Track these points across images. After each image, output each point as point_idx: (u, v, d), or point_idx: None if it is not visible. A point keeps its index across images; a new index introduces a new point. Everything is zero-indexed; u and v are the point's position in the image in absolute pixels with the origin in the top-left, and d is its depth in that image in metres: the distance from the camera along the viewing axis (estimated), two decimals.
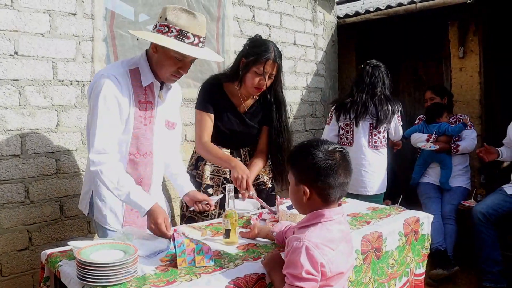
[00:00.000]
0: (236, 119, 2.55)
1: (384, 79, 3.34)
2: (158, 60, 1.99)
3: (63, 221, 2.73)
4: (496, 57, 4.36)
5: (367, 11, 4.75)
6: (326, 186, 1.43)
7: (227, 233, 1.82)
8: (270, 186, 2.69)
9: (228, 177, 2.51)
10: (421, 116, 4.06)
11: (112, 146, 1.93)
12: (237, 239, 1.85)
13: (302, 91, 4.48)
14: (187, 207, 2.44)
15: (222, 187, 2.51)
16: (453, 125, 3.77)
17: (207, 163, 2.56)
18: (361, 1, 5.65)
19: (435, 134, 3.72)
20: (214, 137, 2.55)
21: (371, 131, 3.31)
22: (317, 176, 1.42)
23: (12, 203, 2.51)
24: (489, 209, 3.27)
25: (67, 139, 2.73)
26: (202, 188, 2.52)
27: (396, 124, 3.39)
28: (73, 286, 1.45)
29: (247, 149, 2.66)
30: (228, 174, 2.52)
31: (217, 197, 2.26)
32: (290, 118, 4.21)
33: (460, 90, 4.39)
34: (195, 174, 2.60)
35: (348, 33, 5.08)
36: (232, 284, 1.44)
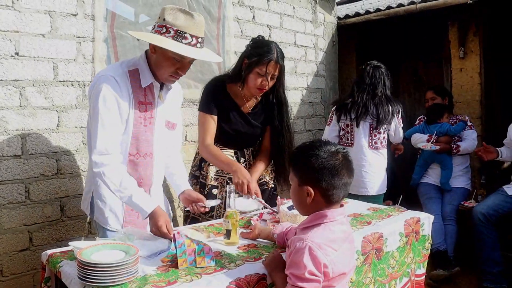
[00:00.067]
0: (240, 119, 2.54)
1: (385, 80, 3.34)
2: (157, 61, 1.98)
3: (63, 222, 2.73)
4: (497, 58, 4.36)
5: (367, 12, 4.75)
6: (330, 187, 1.43)
7: (228, 233, 1.82)
8: (272, 186, 2.69)
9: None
10: (422, 116, 4.06)
11: (114, 147, 1.93)
12: (238, 239, 1.85)
13: (302, 92, 4.48)
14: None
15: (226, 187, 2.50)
16: (453, 126, 3.77)
17: (211, 164, 2.56)
18: (361, 2, 5.65)
19: (435, 135, 3.72)
20: (219, 137, 2.54)
21: (371, 131, 3.31)
22: (321, 177, 1.42)
23: (13, 204, 2.51)
24: (490, 209, 3.27)
25: (67, 140, 2.73)
26: (206, 189, 2.52)
27: (396, 126, 3.39)
28: (74, 286, 1.45)
29: (251, 149, 2.66)
30: None
31: (215, 202, 2.20)
32: (291, 119, 4.20)
33: (461, 90, 4.39)
34: (198, 175, 2.60)
35: (348, 34, 5.08)
36: (233, 284, 1.45)
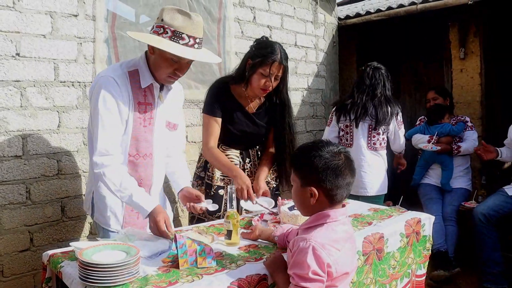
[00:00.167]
0: (245, 119, 2.54)
1: (385, 81, 3.34)
2: (155, 62, 1.98)
3: (64, 222, 2.73)
4: (497, 58, 4.36)
5: (367, 12, 4.76)
6: (334, 187, 1.43)
7: (229, 234, 1.82)
8: (274, 186, 2.69)
9: None
10: (422, 117, 4.06)
11: (115, 147, 1.93)
12: (239, 240, 1.85)
13: (303, 92, 4.48)
14: None
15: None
16: (454, 126, 3.77)
17: None
18: (362, 3, 5.66)
19: (436, 135, 3.72)
20: (224, 138, 2.54)
21: (370, 132, 3.31)
22: (325, 177, 1.42)
23: (14, 204, 2.51)
24: (490, 210, 3.27)
25: (68, 140, 2.73)
26: (213, 189, 2.52)
27: (395, 129, 3.36)
28: (75, 286, 1.45)
29: (256, 149, 2.66)
30: None
31: (212, 207, 2.18)
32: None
33: (461, 91, 4.39)
34: (203, 175, 2.59)
35: (349, 34, 5.08)
36: (234, 285, 1.45)
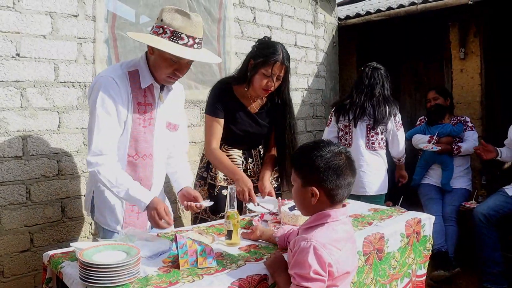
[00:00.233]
0: (248, 119, 2.54)
1: (384, 81, 3.34)
2: (155, 62, 1.98)
3: (64, 223, 2.73)
4: (497, 58, 4.36)
5: (368, 13, 4.76)
6: (335, 186, 1.43)
7: (229, 234, 1.82)
8: (275, 186, 2.69)
9: None
10: (422, 117, 4.06)
11: (109, 148, 1.92)
12: (239, 240, 1.85)
13: (303, 93, 4.48)
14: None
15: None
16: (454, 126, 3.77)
17: None
18: (362, 3, 5.66)
19: (437, 135, 3.72)
20: (227, 138, 2.54)
21: (368, 132, 3.32)
22: (326, 177, 1.43)
23: (14, 205, 2.51)
24: (490, 210, 3.27)
25: (68, 141, 2.73)
26: (216, 190, 2.52)
27: (394, 130, 3.33)
28: (75, 287, 1.45)
29: (258, 149, 2.66)
30: None
31: (207, 203, 2.17)
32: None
33: (461, 91, 4.39)
34: (206, 176, 2.59)
35: (349, 35, 5.09)
36: (234, 285, 1.45)
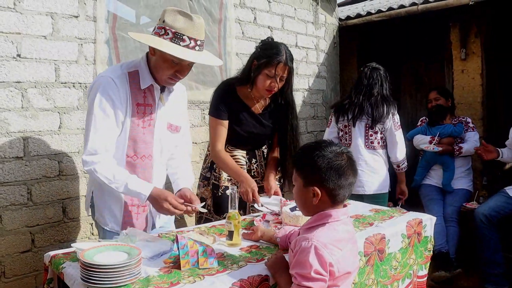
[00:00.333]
0: (252, 120, 2.54)
1: (382, 81, 3.34)
2: (156, 63, 1.97)
3: (65, 223, 2.73)
4: (499, 58, 4.36)
5: (368, 13, 4.76)
6: (336, 186, 1.43)
7: (230, 235, 1.82)
8: (279, 186, 2.69)
9: None
10: (424, 118, 4.06)
11: (104, 148, 1.92)
12: (240, 240, 1.85)
13: (304, 93, 4.48)
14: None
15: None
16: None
17: None
18: (362, 3, 5.66)
19: (438, 136, 3.71)
20: (230, 139, 2.54)
21: (367, 131, 3.32)
22: (328, 177, 1.43)
23: (15, 205, 2.51)
24: (491, 211, 3.27)
25: (69, 141, 2.73)
26: (220, 190, 2.52)
27: (392, 129, 3.28)
28: (76, 287, 1.45)
29: (262, 150, 2.66)
30: None
31: (204, 209, 2.19)
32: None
33: (462, 92, 4.39)
34: (209, 176, 2.59)
35: (349, 35, 5.09)
36: (235, 285, 1.44)
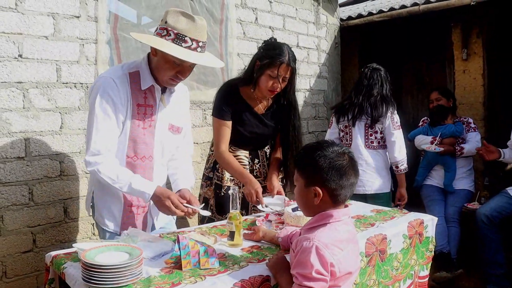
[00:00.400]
0: (255, 120, 2.54)
1: (383, 81, 3.34)
2: (157, 64, 1.97)
3: (67, 223, 2.73)
4: (501, 58, 4.35)
5: (370, 14, 4.75)
6: (338, 187, 1.43)
7: (232, 235, 1.82)
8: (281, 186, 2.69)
9: None
10: (425, 118, 4.05)
11: (107, 149, 1.92)
12: (242, 241, 1.85)
13: (305, 93, 4.48)
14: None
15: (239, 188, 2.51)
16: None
17: None
18: (364, 3, 5.66)
19: (440, 136, 3.71)
20: (233, 139, 2.53)
21: (366, 130, 3.32)
22: (330, 177, 1.43)
23: (17, 205, 2.52)
24: (493, 211, 3.26)
25: (71, 141, 2.73)
26: (223, 190, 2.52)
27: (390, 127, 3.25)
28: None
29: (264, 150, 2.66)
30: None
31: (206, 213, 2.18)
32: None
33: (464, 92, 4.38)
34: (212, 176, 2.59)
35: (351, 35, 5.08)
36: (237, 286, 1.44)
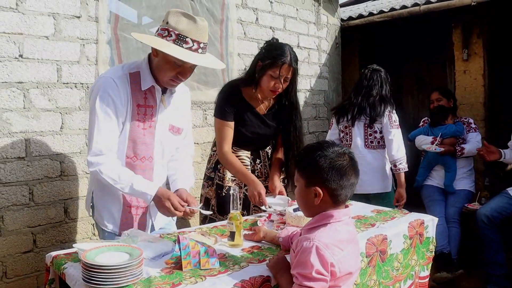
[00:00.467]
0: (257, 121, 2.54)
1: (382, 82, 3.35)
2: (158, 64, 1.96)
3: (67, 224, 2.73)
4: (502, 59, 4.34)
5: (370, 14, 4.75)
6: (338, 187, 1.43)
7: (232, 235, 1.82)
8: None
9: None
10: (426, 118, 4.05)
11: (108, 149, 1.92)
12: (242, 241, 1.84)
13: (305, 94, 4.48)
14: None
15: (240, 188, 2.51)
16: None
17: None
18: (364, 4, 5.66)
19: (441, 136, 3.71)
20: (235, 140, 2.53)
21: (366, 130, 3.33)
22: (330, 177, 1.43)
23: (17, 206, 2.52)
24: (494, 212, 3.26)
25: (71, 142, 2.73)
26: (224, 190, 2.52)
27: (387, 126, 3.24)
28: None
29: (266, 150, 2.66)
30: None
31: (208, 212, 2.18)
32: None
33: (464, 92, 4.38)
34: (213, 176, 2.59)
35: (351, 36, 5.08)
36: (237, 286, 1.44)
